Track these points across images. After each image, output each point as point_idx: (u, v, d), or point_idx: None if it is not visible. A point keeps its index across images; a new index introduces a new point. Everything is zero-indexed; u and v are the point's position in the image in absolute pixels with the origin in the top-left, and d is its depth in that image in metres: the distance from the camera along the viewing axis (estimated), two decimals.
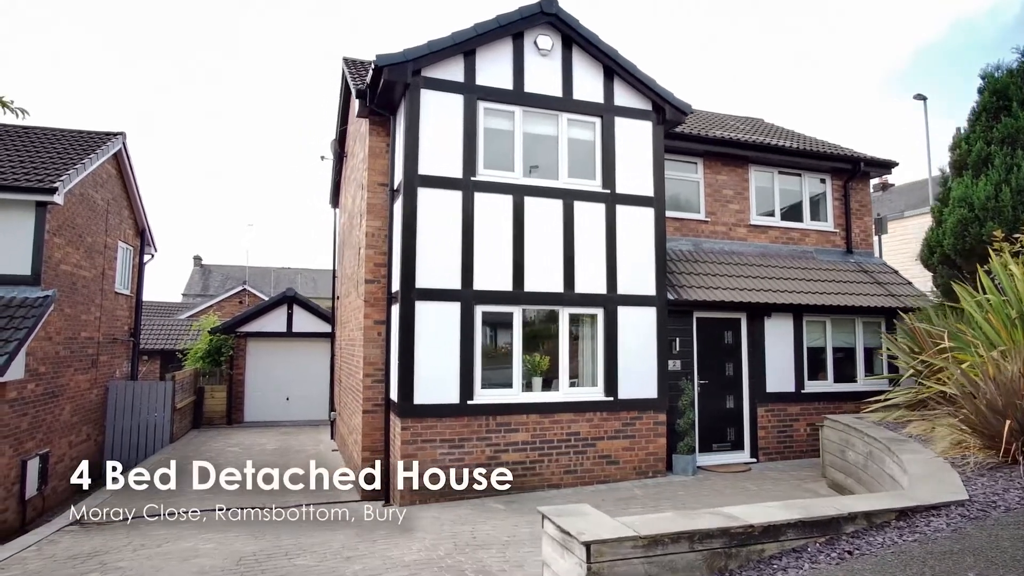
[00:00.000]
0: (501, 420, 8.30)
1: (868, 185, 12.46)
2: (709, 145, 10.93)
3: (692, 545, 3.23)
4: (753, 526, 3.35)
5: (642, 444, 8.97)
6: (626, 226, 9.15)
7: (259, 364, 17.84)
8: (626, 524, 3.31)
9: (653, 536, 3.14)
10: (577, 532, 3.15)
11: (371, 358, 8.98)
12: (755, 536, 3.36)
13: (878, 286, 11.31)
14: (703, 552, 3.24)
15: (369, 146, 9.19)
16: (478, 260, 8.38)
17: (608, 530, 3.21)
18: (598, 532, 3.15)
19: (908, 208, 20.80)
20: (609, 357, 8.89)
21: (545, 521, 3.65)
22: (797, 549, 3.44)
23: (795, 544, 3.46)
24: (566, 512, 3.63)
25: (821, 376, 10.69)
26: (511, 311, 8.55)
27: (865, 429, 7.10)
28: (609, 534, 3.14)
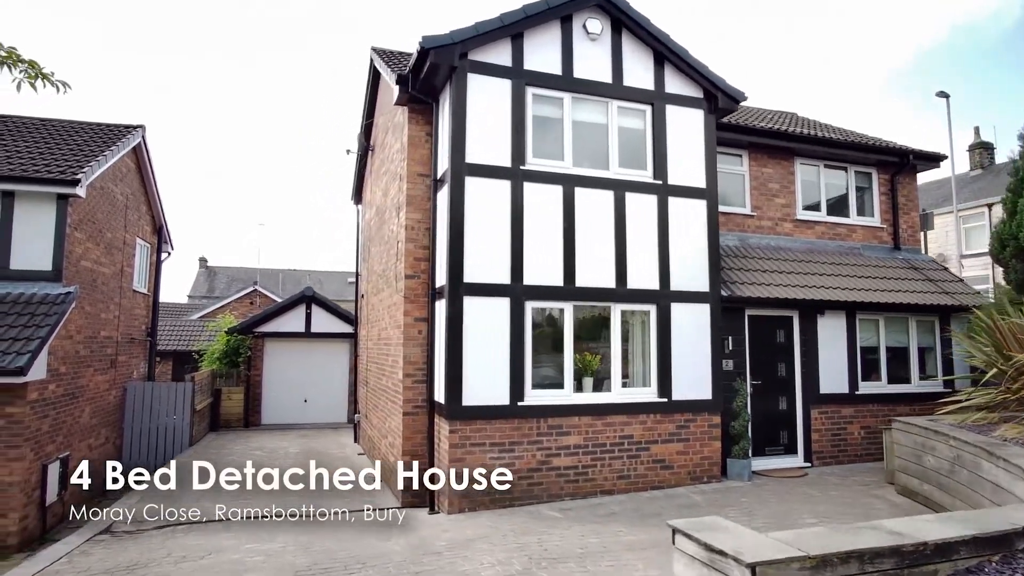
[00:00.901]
0: (553, 422, 7.87)
1: (915, 179, 12.04)
2: (754, 136, 10.51)
3: (862, 566, 2.80)
4: (926, 543, 2.93)
5: (696, 448, 8.53)
6: (678, 219, 8.72)
7: (277, 365, 17.41)
8: (784, 542, 2.89)
9: (822, 556, 2.71)
10: (735, 551, 2.72)
11: (411, 357, 8.55)
12: (927, 555, 2.94)
13: (930, 283, 10.88)
14: (873, 574, 2.82)
15: (408, 135, 8.77)
16: (528, 254, 7.95)
17: (770, 549, 2.78)
18: (759, 552, 2.73)
19: (929, 208, 20.36)
20: (662, 356, 8.45)
21: (679, 537, 3.22)
22: (972, 569, 3.01)
23: (969, 563, 3.04)
24: (704, 527, 3.19)
25: (874, 377, 10.26)
26: (562, 307, 8.12)
27: (950, 432, 6.66)
28: (773, 554, 2.71)
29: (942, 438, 6.76)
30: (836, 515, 6.93)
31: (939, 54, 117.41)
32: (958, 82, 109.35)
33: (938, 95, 20.75)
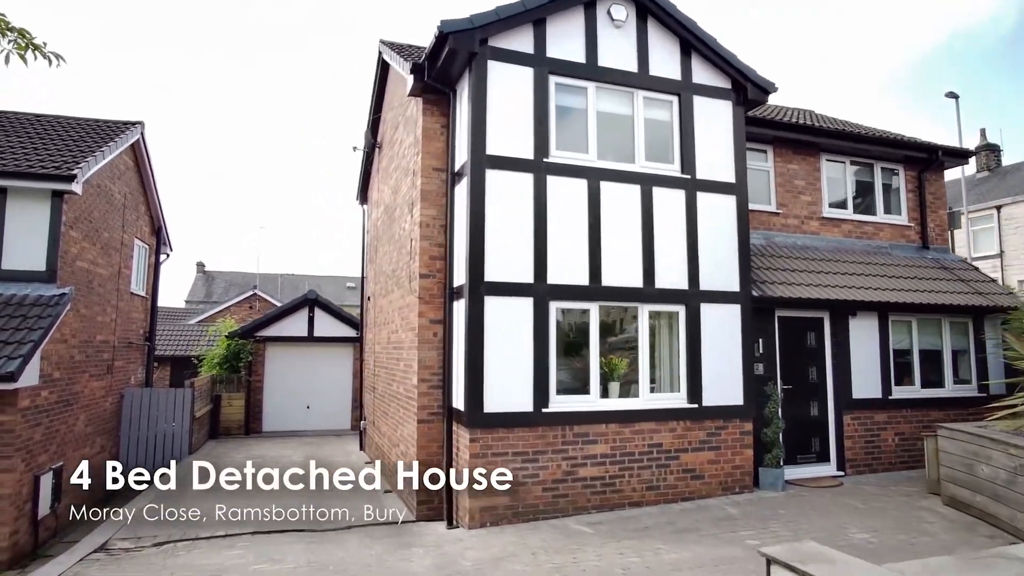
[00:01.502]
0: (579, 430, 7.41)
1: (943, 177, 11.64)
2: (780, 131, 10.11)
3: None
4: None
5: (728, 456, 8.08)
6: (707, 215, 8.29)
7: (278, 370, 16.91)
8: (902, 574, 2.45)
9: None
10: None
11: (426, 361, 8.08)
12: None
13: (962, 283, 10.47)
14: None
15: (423, 127, 8.32)
16: (552, 251, 7.51)
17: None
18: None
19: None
20: (692, 359, 8.01)
21: (778, 569, 2.77)
22: None
23: None
24: (808, 557, 2.75)
25: (907, 381, 9.82)
26: (587, 307, 7.67)
27: (1010, 440, 6.22)
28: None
29: (1000, 446, 6.32)
30: (888, 530, 6.49)
31: (938, 57, 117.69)
32: (956, 85, 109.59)
33: (947, 95, 20.43)
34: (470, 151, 7.38)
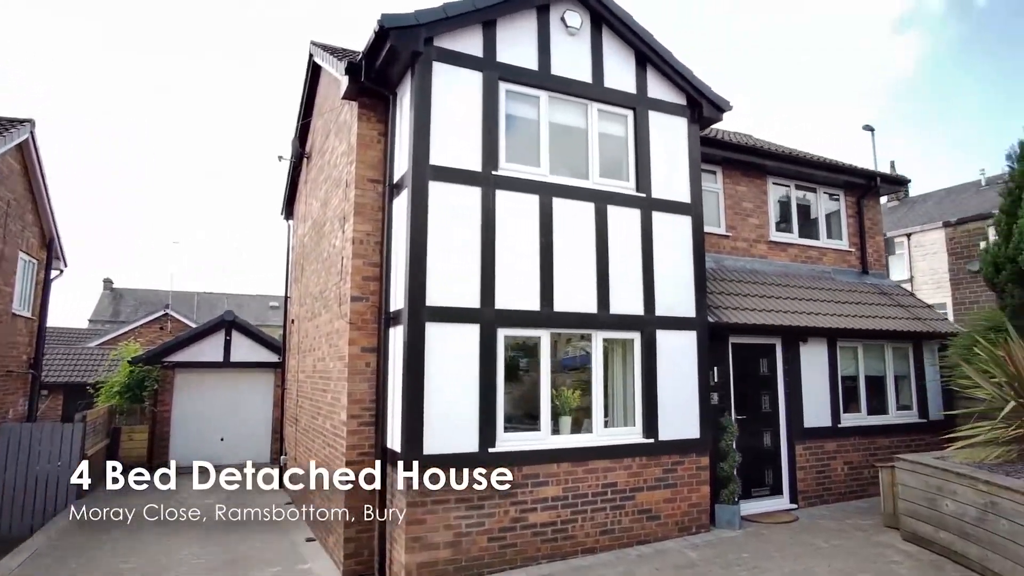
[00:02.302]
0: (528, 471, 6.70)
1: (879, 203, 11.81)
2: (729, 152, 9.90)
3: None
4: None
5: (684, 494, 7.57)
6: (662, 236, 7.86)
7: (189, 399, 15.34)
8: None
9: None
10: None
11: (357, 395, 7.20)
12: None
13: (901, 308, 10.53)
14: None
15: (357, 134, 7.52)
16: (501, 273, 6.83)
17: None
18: None
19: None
20: (648, 390, 7.49)
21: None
22: None
23: None
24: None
25: (854, 408, 9.70)
26: (538, 335, 7.02)
27: (977, 475, 5.97)
28: None
29: (967, 481, 6.07)
30: (857, 572, 6.10)
31: (851, 94, 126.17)
32: (869, 118, 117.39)
33: (864, 128, 21.35)
34: (411, 160, 6.64)
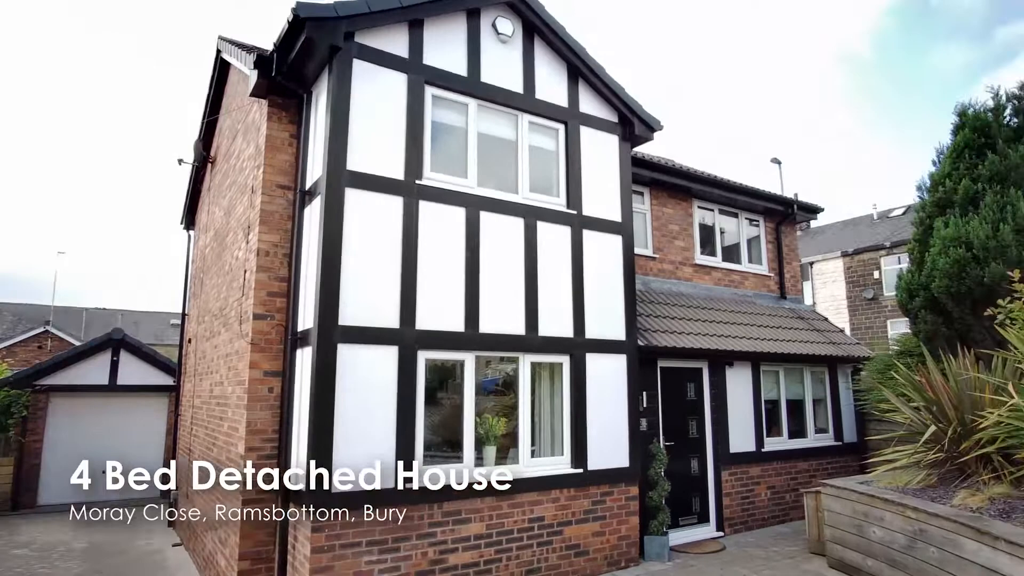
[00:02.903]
0: (449, 508, 6.12)
1: (795, 230, 12.15)
2: (657, 173, 9.83)
3: None
4: None
5: (613, 526, 7.20)
6: (593, 255, 7.57)
7: (67, 428, 13.62)
8: None
9: None
10: None
11: (257, 424, 6.39)
12: None
13: (818, 333, 10.76)
14: None
15: (267, 136, 6.81)
16: (423, 291, 6.29)
17: None
18: None
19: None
20: (577, 417, 7.10)
21: None
22: None
23: None
24: None
25: (776, 432, 9.73)
26: (462, 358, 6.50)
27: (905, 501, 5.93)
28: None
29: (895, 508, 6.02)
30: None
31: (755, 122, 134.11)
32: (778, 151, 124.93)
33: (772, 161, 22.40)
34: (326, 165, 6.02)
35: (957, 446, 6.32)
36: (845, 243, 26.86)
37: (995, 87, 8.01)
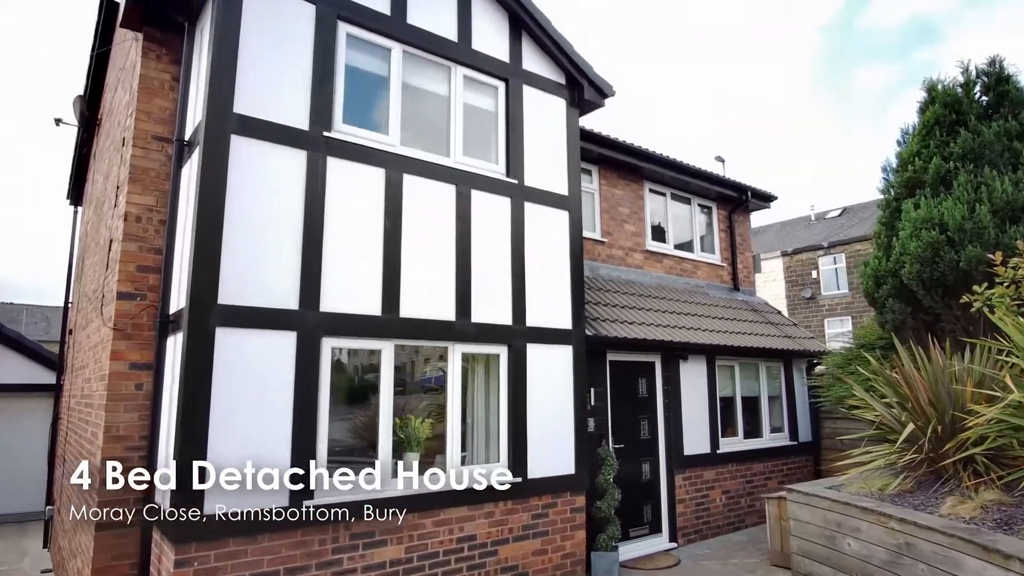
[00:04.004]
0: (360, 529, 5.03)
1: (749, 219, 11.55)
2: (607, 149, 8.96)
3: None
4: None
5: (557, 543, 6.26)
6: (536, 232, 6.61)
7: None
8: None
9: None
10: None
11: (119, 428, 5.15)
12: None
13: (772, 326, 10.15)
14: None
15: (141, 76, 5.55)
16: (330, 266, 5.18)
17: None
18: None
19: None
20: (516, 417, 6.12)
21: None
22: None
23: None
24: None
25: (731, 432, 9.02)
26: (379, 347, 5.42)
27: (888, 511, 5.20)
28: None
29: (874, 517, 5.28)
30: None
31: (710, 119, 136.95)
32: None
33: (716, 159, 22.07)
34: (207, 104, 4.84)
35: (938, 447, 5.66)
36: (784, 243, 27.03)
37: (964, 61, 7.49)
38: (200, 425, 4.44)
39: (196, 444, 4.40)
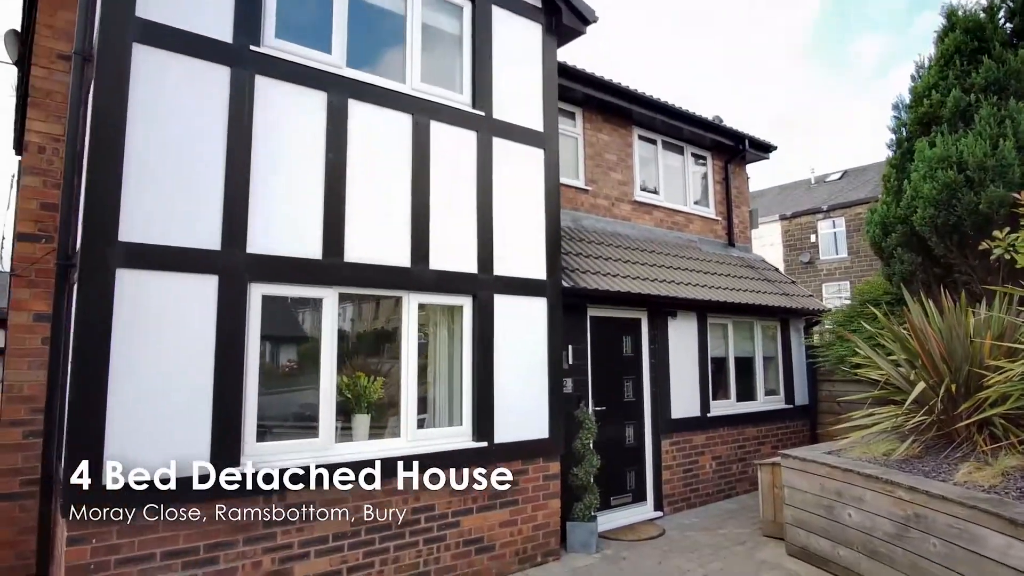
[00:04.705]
0: (296, 500, 4.43)
1: (746, 171, 10.81)
2: (592, 89, 8.16)
3: None
4: None
5: (528, 513, 5.69)
6: (506, 172, 5.90)
7: None
8: None
9: None
10: None
11: (23, 388, 4.54)
12: None
13: (770, 284, 9.50)
14: None
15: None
16: (259, 201, 4.48)
17: None
18: None
19: None
20: (482, 377, 5.49)
21: None
22: None
23: None
24: None
25: (722, 395, 8.44)
26: (320, 295, 4.76)
27: (891, 477, 4.62)
28: None
29: (880, 485, 4.70)
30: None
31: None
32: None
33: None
34: (102, 8, 4.08)
35: (951, 407, 5.06)
36: (784, 207, 26.30)
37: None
38: (100, 382, 3.79)
39: (90, 404, 3.76)
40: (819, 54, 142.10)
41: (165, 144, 4.16)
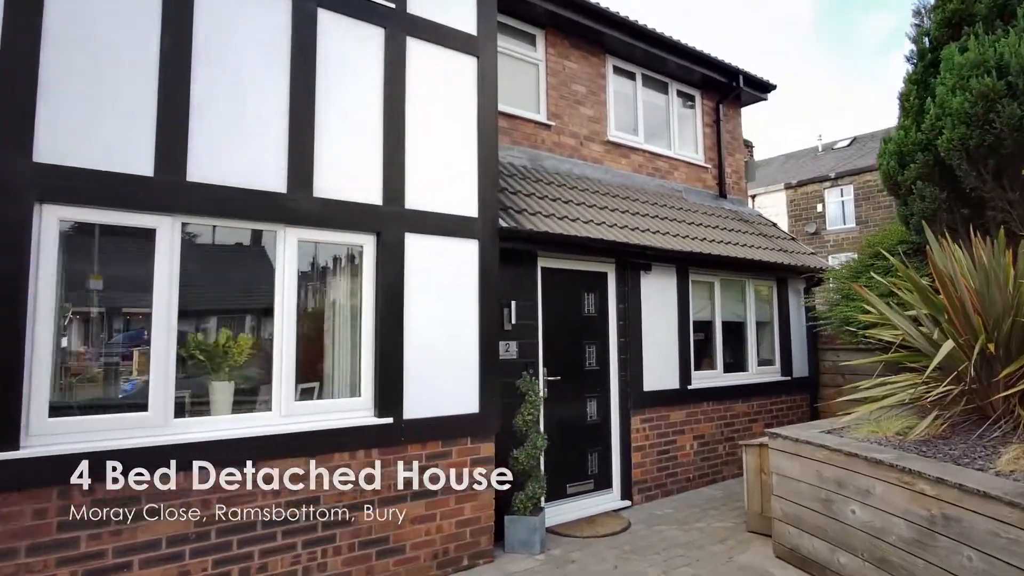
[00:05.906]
0: (116, 494, 3.31)
1: (740, 114, 9.51)
2: (556, 6, 6.87)
3: None
4: None
5: (450, 506, 4.57)
6: (426, 81, 4.69)
7: None
8: None
9: None
10: None
11: None
12: None
13: (765, 239, 8.28)
14: None
15: None
16: (52, 93, 3.30)
17: None
18: None
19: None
20: (388, 335, 4.34)
21: None
22: None
23: None
24: None
25: (707, 364, 7.28)
26: (150, 226, 3.59)
27: (909, 464, 3.45)
28: None
29: (894, 475, 3.54)
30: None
31: None
32: None
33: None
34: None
35: (988, 374, 3.88)
36: (789, 176, 24.93)
37: None
38: None
39: None
40: (824, 31, 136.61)
41: None
